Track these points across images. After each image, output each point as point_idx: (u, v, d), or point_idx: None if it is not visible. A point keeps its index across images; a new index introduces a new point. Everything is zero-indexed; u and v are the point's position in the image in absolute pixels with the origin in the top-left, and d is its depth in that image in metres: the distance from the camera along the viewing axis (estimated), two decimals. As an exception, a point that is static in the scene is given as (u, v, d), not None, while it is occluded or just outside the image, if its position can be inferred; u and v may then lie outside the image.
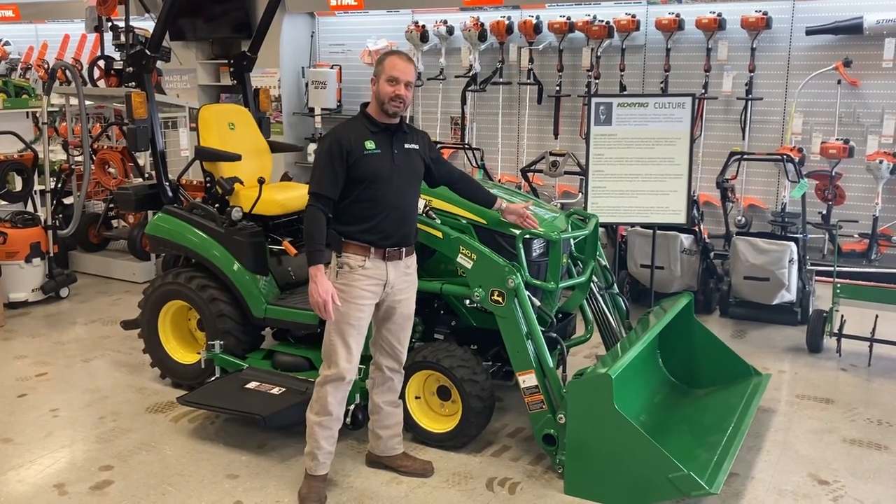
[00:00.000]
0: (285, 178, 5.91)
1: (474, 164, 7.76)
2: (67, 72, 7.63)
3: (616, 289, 4.87)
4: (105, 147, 7.68)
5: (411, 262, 3.79)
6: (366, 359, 3.94)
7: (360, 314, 3.62)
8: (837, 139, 7.08)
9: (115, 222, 8.09)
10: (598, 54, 8.12)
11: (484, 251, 3.99)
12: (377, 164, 3.56)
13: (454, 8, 8.82)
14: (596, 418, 3.60)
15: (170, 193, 5.17)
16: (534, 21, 8.30)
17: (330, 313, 3.50)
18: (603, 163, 5.64)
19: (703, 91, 7.76)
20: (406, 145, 3.68)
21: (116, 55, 7.89)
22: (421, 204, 4.20)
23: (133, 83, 5.24)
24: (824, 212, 7.21)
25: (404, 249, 3.70)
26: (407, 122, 3.75)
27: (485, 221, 4.19)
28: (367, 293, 3.61)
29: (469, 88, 8.80)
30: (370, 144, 3.56)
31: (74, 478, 3.97)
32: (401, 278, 3.71)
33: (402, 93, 3.54)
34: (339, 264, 3.61)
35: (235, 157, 4.89)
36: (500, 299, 3.92)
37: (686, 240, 6.24)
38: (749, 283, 6.05)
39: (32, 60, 12.07)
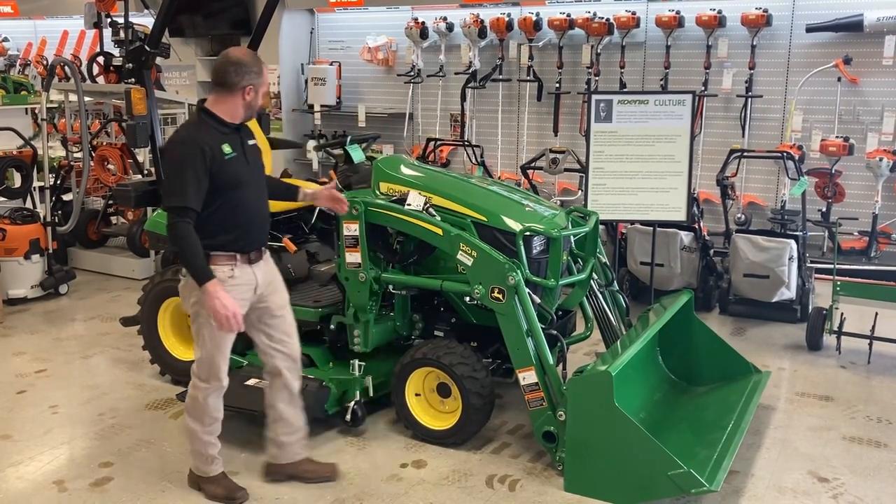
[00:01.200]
0: (285, 174, 5.91)
1: (474, 161, 7.75)
2: (66, 68, 7.64)
3: (616, 286, 4.87)
4: (104, 143, 7.67)
5: (268, 256, 3.71)
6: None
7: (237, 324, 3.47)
8: (837, 137, 7.08)
9: (114, 219, 8.08)
10: (598, 51, 8.11)
11: (484, 248, 3.98)
12: (236, 167, 3.46)
13: (454, 4, 8.81)
14: (596, 415, 3.60)
15: (169, 190, 5.15)
16: (534, 18, 8.29)
17: (240, 324, 3.39)
18: (603, 160, 5.63)
19: (704, 88, 7.75)
20: (249, 142, 3.60)
21: (115, 51, 7.87)
22: (421, 201, 4.20)
23: (132, 80, 5.23)
24: (824, 209, 7.21)
25: (263, 248, 3.65)
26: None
27: (485, 219, 4.18)
28: (241, 302, 3.47)
29: (469, 85, 8.78)
30: (227, 148, 3.43)
31: (74, 474, 3.97)
32: (266, 276, 3.64)
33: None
34: None
35: (235, 154, 4.87)
36: (500, 296, 3.91)
37: (686, 237, 6.23)
38: (749, 280, 6.05)
39: (31, 57, 12.05)
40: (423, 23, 8.91)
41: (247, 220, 3.50)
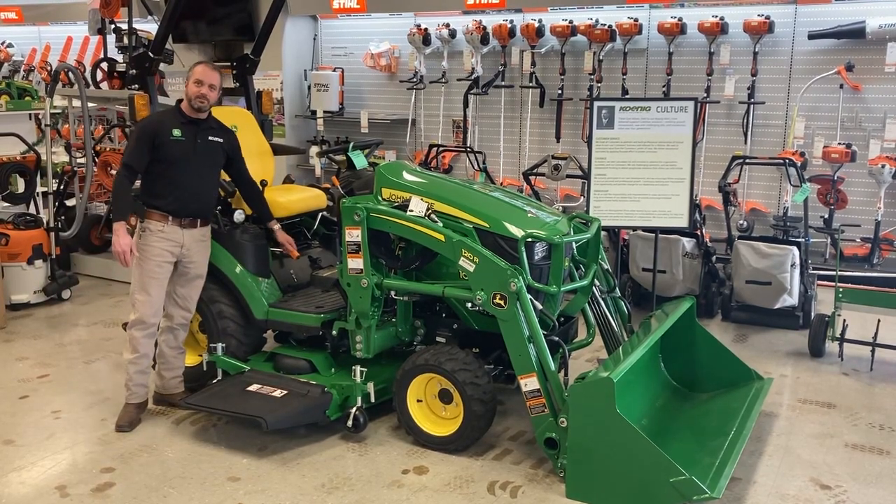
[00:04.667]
0: (287, 180, 5.92)
1: (476, 167, 7.76)
2: (70, 74, 7.65)
3: (618, 292, 4.87)
4: (107, 149, 7.69)
5: (206, 231, 4.56)
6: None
7: (160, 269, 4.38)
8: (840, 143, 7.08)
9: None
10: (601, 58, 8.12)
11: (486, 254, 3.99)
12: (178, 149, 4.34)
13: (456, 11, 8.82)
14: (598, 422, 3.59)
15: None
16: (536, 24, 8.31)
17: (129, 261, 4.26)
18: (605, 166, 5.64)
19: (706, 95, 7.76)
20: (210, 138, 4.47)
21: (119, 57, 7.90)
22: (423, 207, 4.21)
23: (136, 85, 5.25)
24: (826, 216, 7.20)
25: (199, 220, 4.49)
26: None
27: (487, 224, 4.19)
28: (165, 252, 4.37)
29: (471, 92, 8.80)
30: (177, 132, 4.34)
31: (76, 479, 3.97)
32: (196, 244, 4.48)
33: (205, 92, 4.34)
34: (142, 228, 4.40)
35: (238, 160, 4.89)
36: (502, 303, 3.91)
37: (688, 243, 6.23)
38: (751, 287, 6.04)
39: (35, 62, 12.09)
40: (425, 29, 8.92)
41: (179, 193, 4.36)
